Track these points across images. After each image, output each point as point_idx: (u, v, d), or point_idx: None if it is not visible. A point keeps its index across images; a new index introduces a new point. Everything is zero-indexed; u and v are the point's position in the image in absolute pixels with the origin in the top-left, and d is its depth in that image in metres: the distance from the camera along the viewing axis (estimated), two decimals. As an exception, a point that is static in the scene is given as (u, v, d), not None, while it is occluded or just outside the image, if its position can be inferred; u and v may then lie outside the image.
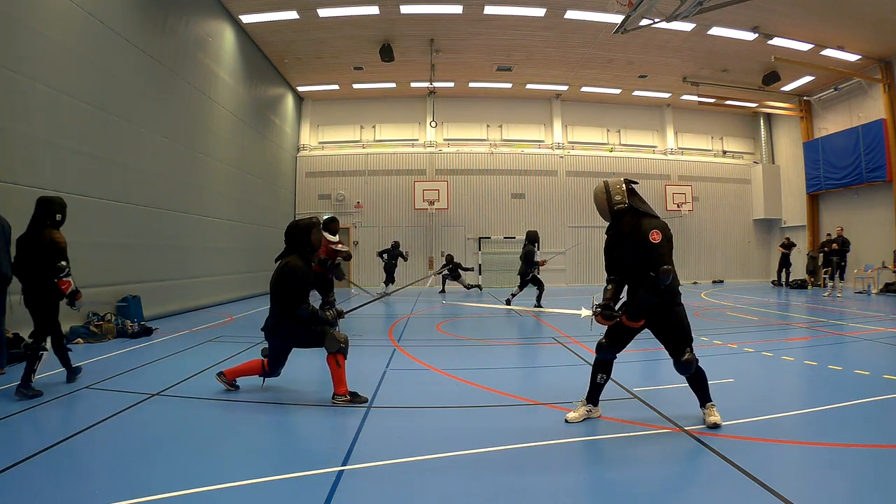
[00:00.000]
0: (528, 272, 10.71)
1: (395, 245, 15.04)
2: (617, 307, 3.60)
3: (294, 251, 4.23)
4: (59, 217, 4.69)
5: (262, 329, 4.30)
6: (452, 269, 14.54)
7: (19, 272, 4.62)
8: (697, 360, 3.43)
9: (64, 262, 4.52)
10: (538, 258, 10.80)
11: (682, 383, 4.51)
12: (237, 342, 6.95)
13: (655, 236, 3.30)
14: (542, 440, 3.26)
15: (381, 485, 2.70)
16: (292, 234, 4.25)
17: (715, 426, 3.38)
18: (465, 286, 15.31)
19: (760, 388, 4.57)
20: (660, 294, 3.33)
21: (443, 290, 16.01)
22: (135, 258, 8.70)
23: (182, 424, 3.59)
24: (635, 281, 3.45)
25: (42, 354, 4.40)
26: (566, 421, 3.58)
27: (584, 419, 3.61)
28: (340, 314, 4.40)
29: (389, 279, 14.67)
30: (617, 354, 3.65)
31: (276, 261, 4.32)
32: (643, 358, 5.92)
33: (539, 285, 10.97)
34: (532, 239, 10.87)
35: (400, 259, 14.83)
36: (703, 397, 3.52)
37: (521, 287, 11.00)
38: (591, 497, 2.59)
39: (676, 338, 3.43)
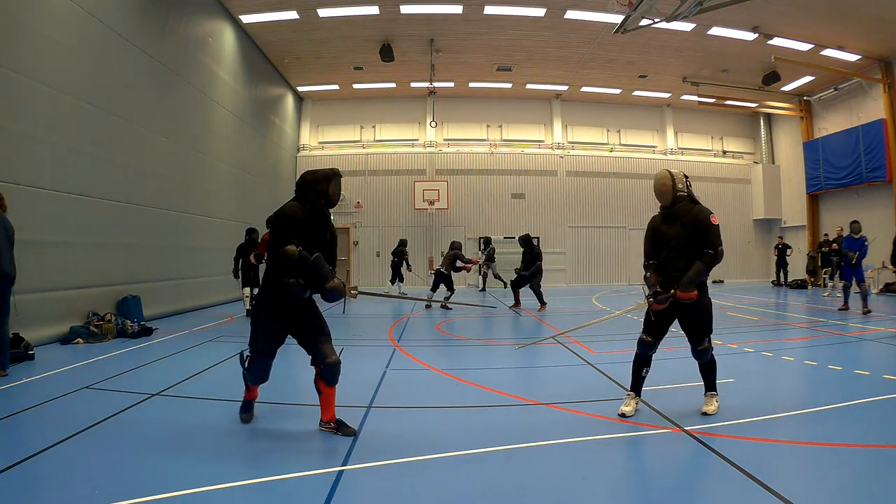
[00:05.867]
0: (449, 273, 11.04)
1: (402, 243, 14.41)
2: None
3: (298, 199, 3.42)
4: (254, 236, 9.64)
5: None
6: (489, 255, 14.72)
7: (238, 260, 9.58)
8: (713, 349, 3.81)
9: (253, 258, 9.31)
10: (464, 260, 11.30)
11: (682, 383, 4.54)
12: (237, 342, 6.95)
13: (714, 219, 3.71)
14: (542, 440, 3.26)
15: (381, 485, 2.70)
16: (304, 183, 3.42)
17: (705, 414, 3.69)
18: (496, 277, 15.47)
19: (760, 388, 4.56)
20: (712, 267, 3.69)
21: (483, 289, 15.93)
22: (135, 258, 8.70)
23: (182, 424, 3.59)
24: (671, 259, 3.75)
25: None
26: (621, 414, 3.70)
27: (636, 411, 3.81)
28: (344, 287, 3.37)
29: (395, 276, 14.39)
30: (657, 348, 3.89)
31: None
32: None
33: (444, 285, 11.11)
34: (456, 247, 11.40)
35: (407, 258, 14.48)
36: (709, 385, 3.85)
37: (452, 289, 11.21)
38: (591, 497, 2.59)
39: (699, 327, 3.75)
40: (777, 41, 13.57)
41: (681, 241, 3.73)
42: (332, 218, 3.61)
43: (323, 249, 3.34)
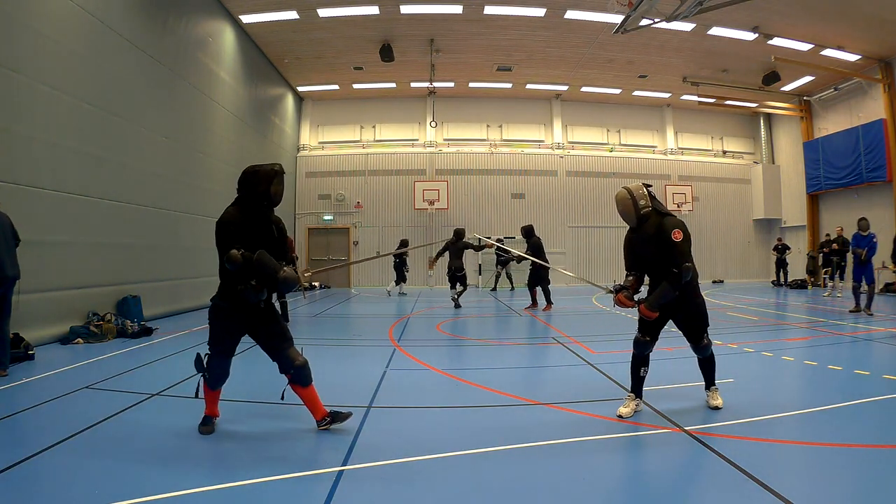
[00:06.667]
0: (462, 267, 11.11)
1: (403, 244, 14.73)
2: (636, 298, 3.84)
3: (237, 202, 3.36)
4: None
5: None
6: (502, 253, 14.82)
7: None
8: (711, 344, 3.84)
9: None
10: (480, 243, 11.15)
11: (682, 383, 4.54)
12: (237, 342, 6.94)
13: (677, 235, 3.57)
14: (542, 440, 3.26)
15: (381, 485, 2.70)
16: (245, 183, 3.35)
17: (717, 408, 3.76)
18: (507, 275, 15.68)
19: (760, 388, 4.56)
20: (680, 288, 3.59)
21: (494, 288, 16.04)
22: (135, 258, 8.69)
23: (182, 424, 3.59)
24: (657, 274, 3.70)
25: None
26: (619, 416, 3.65)
27: (634, 412, 3.73)
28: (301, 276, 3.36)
29: (400, 278, 14.57)
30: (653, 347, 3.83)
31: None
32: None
33: (463, 283, 11.18)
34: (460, 235, 11.40)
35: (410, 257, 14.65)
36: (709, 381, 3.91)
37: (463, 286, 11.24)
38: (591, 497, 2.59)
39: (696, 325, 3.77)
40: (777, 41, 13.57)
41: (658, 258, 3.63)
42: (275, 213, 3.50)
43: (270, 246, 3.26)
